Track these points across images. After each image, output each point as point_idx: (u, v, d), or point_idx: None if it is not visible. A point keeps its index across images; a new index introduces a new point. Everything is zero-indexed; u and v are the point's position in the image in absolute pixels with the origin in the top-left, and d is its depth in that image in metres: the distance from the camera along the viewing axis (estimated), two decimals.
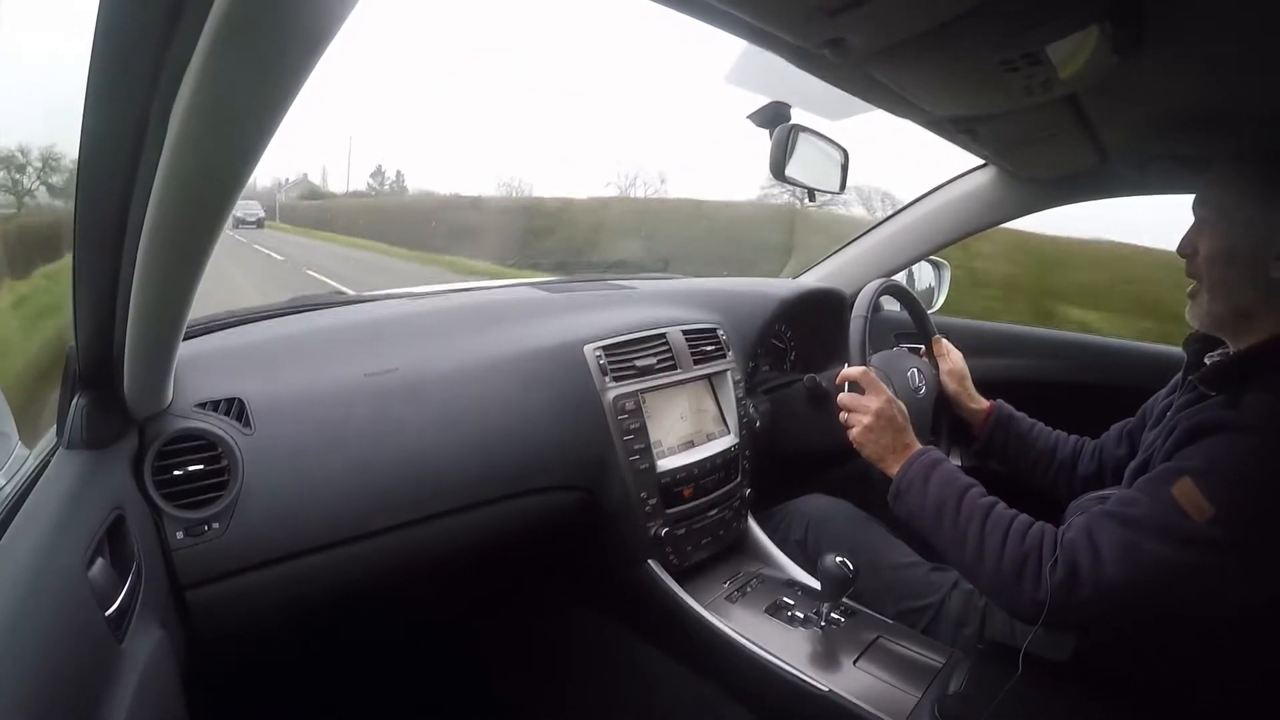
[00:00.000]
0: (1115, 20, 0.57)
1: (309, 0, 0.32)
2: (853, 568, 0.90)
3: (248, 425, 0.73)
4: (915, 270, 1.56)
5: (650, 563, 1.04)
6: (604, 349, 1.04)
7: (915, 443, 0.91)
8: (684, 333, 1.16)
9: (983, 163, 1.31)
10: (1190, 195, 0.81)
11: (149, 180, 0.41)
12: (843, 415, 0.96)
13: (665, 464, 1.06)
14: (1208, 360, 0.82)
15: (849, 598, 0.97)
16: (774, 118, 0.88)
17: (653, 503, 1.04)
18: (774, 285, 1.49)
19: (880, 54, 0.60)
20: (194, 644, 0.70)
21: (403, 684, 1.22)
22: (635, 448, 1.03)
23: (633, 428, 1.03)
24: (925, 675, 0.87)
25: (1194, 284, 0.79)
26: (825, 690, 0.84)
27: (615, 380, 1.03)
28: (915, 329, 1.25)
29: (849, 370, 0.97)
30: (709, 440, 1.14)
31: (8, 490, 0.63)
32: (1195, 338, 0.85)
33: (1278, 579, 0.69)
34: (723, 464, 1.13)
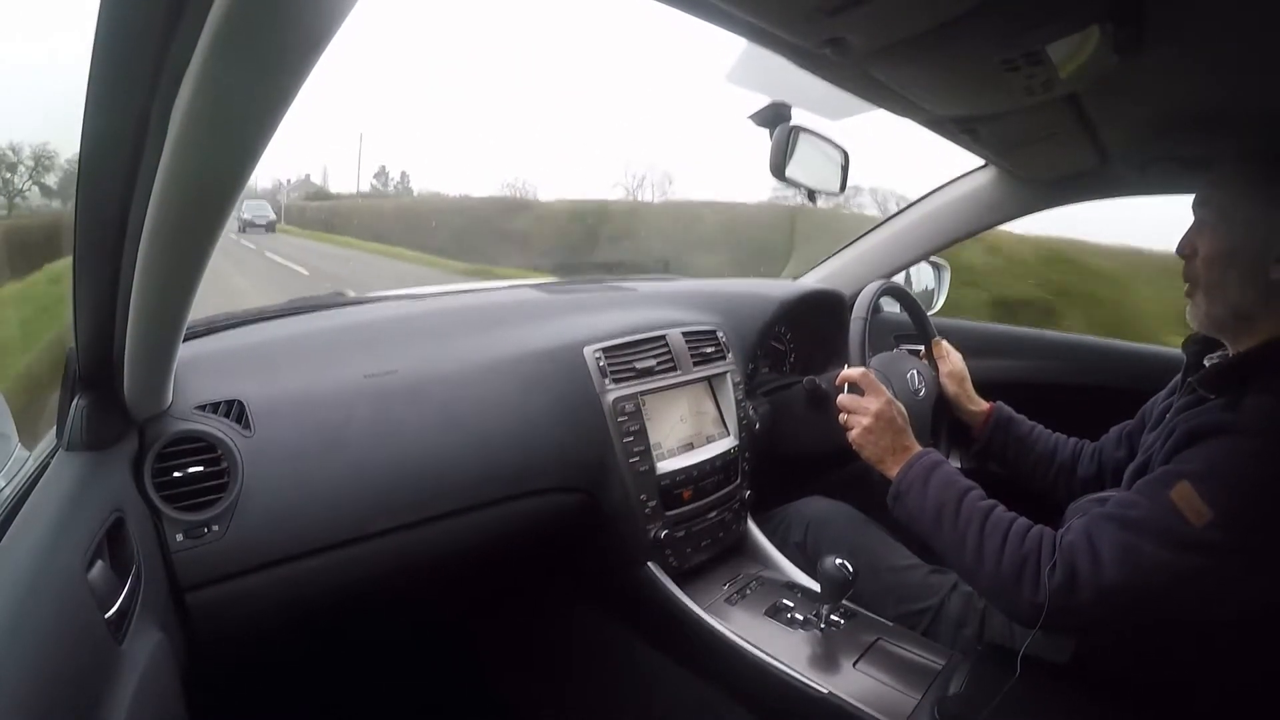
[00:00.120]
0: (1115, 20, 0.57)
1: (309, 0, 0.32)
2: (852, 570, 0.90)
3: (247, 427, 0.73)
4: (914, 271, 1.56)
5: (650, 564, 1.04)
6: (604, 351, 1.04)
7: (915, 445, 0.91)
8: (684, 334, 1.15)
9: (983, 163, 1.32)
10: (1190, 195, 0.81)
11: (149, 181, 0.41)
12: (842, 417, 0.96)
13: (665, 466, 1.06)
14: (1207, 362, 0.82)
15: (848, 600, 0.97)
16: (774, 118, 0.88)
17: (652, 505, 1.04)
18: (773, 287, 1.49)
19: (880, 53, 0.60)
20: (194, 646, 0.70)
21: (403, 685, 1.21)
22: (635, 449, 1.03)
23: (632, 429, 1.03)
24: (925, 677, 0.87)
25: (1193, 287, 0.79)
26: (825, 692, 0.84)
27: (615, 382, 1.03)
28: (915, 331, 1.25)
29: (848, 372, 0.97)
30: (709, 442, 1.14)
31: (7, 492, 0.63)
32: (1194, 339, 0.85)
33: (1276, 583, 0.69)
34: (722, 466, 1.13)
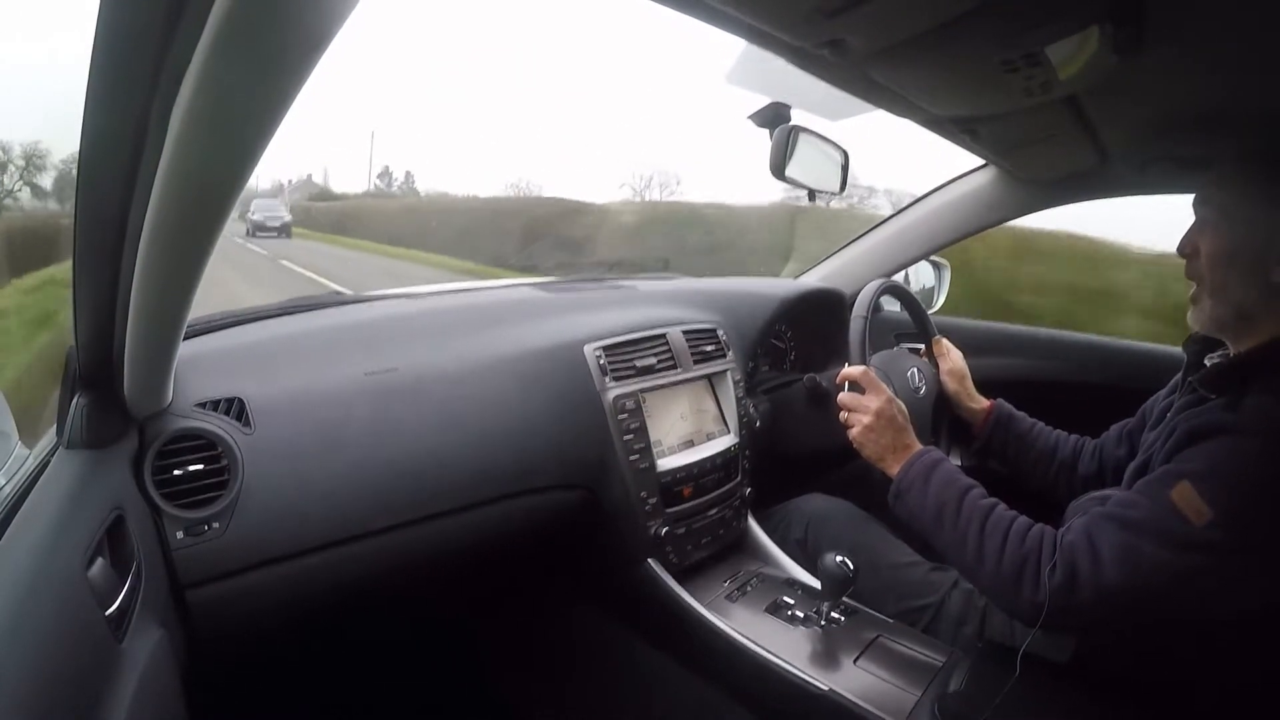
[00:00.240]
0: (1115, 20, 0.57)
1: (309, 0, 0.32)
2: (853, 567, 0.90)
3: (247, 425, 0.73)
4: (913, 271, 1.56)
5: (650, 562, 1.04)
6: (604, 349, 1.04)
7: (915, 443, 0.91)
8: (684, 333, 1.16)
9: (983, 163, 1.32)
10: (1190, 195, 0.81)
11: (149, 181, 0.41)
12: (843, 415, 0.96)
13: (665, 463, 1.06)
14: (1208, 362, 0.82)
15: (849, 597, 0.97)
16: (774, 118, 0.88)
17: (653, 502, 1.04)
18: (774, 285, 1.49)
19: (880, 54, 0.60)
20: (194, 644, 0.70)
21: (403, 683, 1.22)
22: (635, 447, 1.03)
23: (633, 427, 1.03)
24: (925, 674, 0.87)
25: (1195, 288, 0.79)
26: (825, 689, 0.85)
27: (615, 380, 1.03)
28: (915, 329, 1.25)
29: (849, 370, 0.97)
30: (709, 440, 1.14)
31: (7, 490, 0.63)
32: (1195, 339, 0.85)
33: (1276, 582, 0.69)
34: (723, 463, 1.13)
